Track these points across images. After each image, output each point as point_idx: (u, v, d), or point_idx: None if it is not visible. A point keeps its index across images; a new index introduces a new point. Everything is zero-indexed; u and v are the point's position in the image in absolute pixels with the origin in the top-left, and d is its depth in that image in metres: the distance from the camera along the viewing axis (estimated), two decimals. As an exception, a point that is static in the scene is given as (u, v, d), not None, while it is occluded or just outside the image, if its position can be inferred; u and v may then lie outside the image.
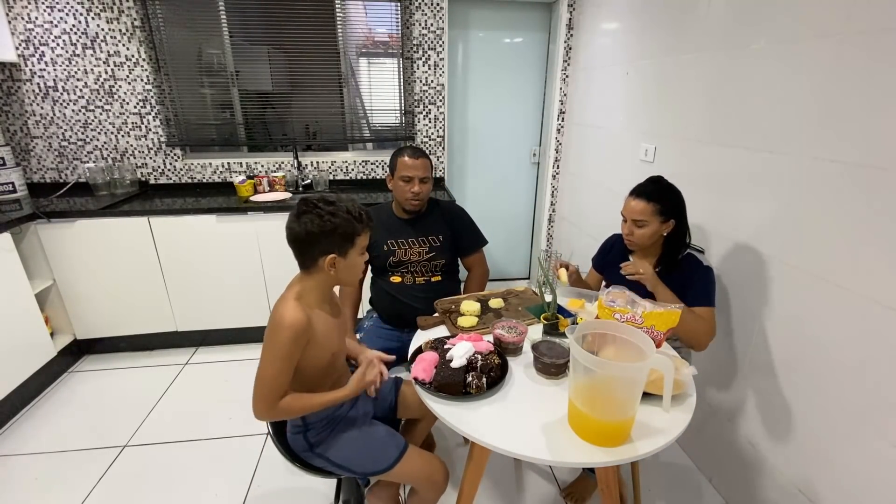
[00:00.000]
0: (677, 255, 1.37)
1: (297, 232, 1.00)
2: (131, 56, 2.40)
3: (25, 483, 1.64)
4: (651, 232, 1.33)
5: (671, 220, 1.33)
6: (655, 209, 1.31)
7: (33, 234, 2.12)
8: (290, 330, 0.97)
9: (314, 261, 1.03)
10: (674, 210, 1.33)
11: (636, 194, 1.35)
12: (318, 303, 1.07)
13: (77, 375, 2.28)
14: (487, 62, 2.84)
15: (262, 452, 1.77)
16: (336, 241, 1.01)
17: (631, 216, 1.34)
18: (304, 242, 1.01)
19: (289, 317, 0.98)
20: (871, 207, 1.06)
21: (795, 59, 1.23)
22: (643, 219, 1.32)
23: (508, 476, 1.68)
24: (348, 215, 1.01)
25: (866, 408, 1.11)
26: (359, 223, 1.03)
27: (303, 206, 1.01)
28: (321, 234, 0.99)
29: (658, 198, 1.32)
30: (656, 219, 1.32)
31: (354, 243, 1.04)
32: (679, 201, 1.36)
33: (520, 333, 1.23)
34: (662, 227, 1.33)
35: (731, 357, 1.53)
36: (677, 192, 1.36)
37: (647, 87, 1.94)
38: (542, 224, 3.10)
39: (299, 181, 2.69)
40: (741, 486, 1.52)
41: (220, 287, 2.37)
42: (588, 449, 0.92)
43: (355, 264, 1.07)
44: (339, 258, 1.02)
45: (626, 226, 1.38)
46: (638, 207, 1.32)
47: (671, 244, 1.37)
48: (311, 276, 1.06)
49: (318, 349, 1.05)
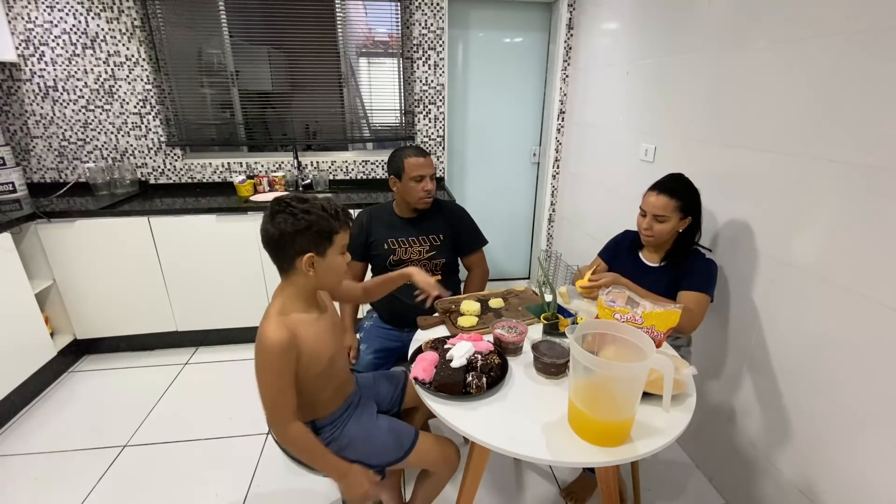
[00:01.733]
0: (686, 251, 1.39)
1: (272, 233, 0.95)
2: (131, 56, 2.40)
3: (25, 483, 1.64)
4: (671, 227, 1.35)
5: (689, 217, 1.36)
6: (677, 205, 1.33)
7: (33, 233, 2.12)
8: (274, 350, 0.95)
9: (291, 263, 0.98)
10: (693, 208, 1.36)
11: (659, 189, 1.35)
12: (304, 309, 1.04)
13: (77, 375, 2.28)
14: (487, 62, 2.84)
15: (262, 452, 1.77)
16: (312, 240, 0.96)
17: (653, 211, 1.35)
18: (278, 243, 0.96)
19: (271, 337, 0.95)
20: (872, 207, 1.06)
21: (795, 59, 1.23)
22: (664, 214, 1.33)
23: (508, 476, 1.68)
24: (324, 212, 0.97)
25: (867, 408, 1.10)
26: (335, 220, 0.99)
27: (275, 205, 0.96)
28: (296, 232, 0.94)
29: (680, 194, 1.34)
30: (676, 215, 1.34)
31: (333, 241, 0.99)
32: (698, 200, 1.38)
33: (520, 333, 1.23)
34: (680, 224, 1.36)
35: (732, 357, 1.53)
36: (697, 191, 1.38)
37: (647, 87, 1.94)
38: (542, 224, 3.10)
39: (299, 181, 2.69)
40: (741, 486, 1.52)
41: (220, 287, 2.37)
42: (588, 449, 0.92)
43: (335, 265, 1.02)
44: (317, 257, 0.98)
45: (645, 220, 1.38)
46: (660, 203, 1.33)
47: (682, 240, 1.40)
48: (291, 283, 1.02)
49: (311, 358, 1.02)
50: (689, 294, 1.31)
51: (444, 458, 1.20)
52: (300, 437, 1.03)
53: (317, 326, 1.05)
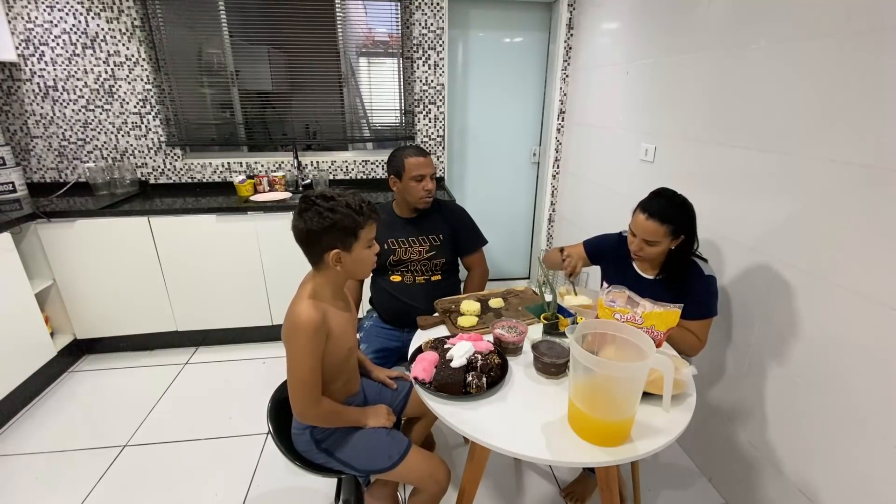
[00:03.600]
0: (682, 264, 1.34)
1: (301, 229, 1.01)
2: (131, 56, 2.40)
3: (25, 483, 1.64)
4: (662, 250, 1.30)
5: (682, 235, 1.30)
6: (668, 230, 1.26)
7: (33, 233, 2.12)
8: (310, 329, 0.99)
9: (320, 257, 1.03)
10: (686, 227, 1.29)
11: (649, 214, 1.26)
12: (332, 299, 1.08)
13: (77, 375, 2.28)
14: (487, 62, 2.84)
15: (262, 452, 1.77)
16: (338, 237, 1.01)
17: (642, 235, 1.28)
18: (307, 240, 1.02)
19: (304, 315, 0.99)
20: (872, 207, 1.06)
21: (795, 58, 1.23)
22: (655, 239, 1.27)
23: (508, 476, 1.68)
24: (348, 209, 1.01)
25: (867, 407, 1.11)
26: (360, 216, 1.02)
27: (303, 203, 1.01)
28: (322, 230, 0.99)
29: (672, 219, 1.26)
30: (668, 238, 1.27)
31: (358, 237, 1.03)
32: (691, 217, 1.30)
33: (520, 333, 1.23)
34: (673, 243, 1.30)
35: (731, 357, 1.53)
36: (690, 207, 1.30)
37: (647, 87, 1.94)
38: (542, 224, 3.10)
39: (299, 181, 2.69)
40: (741, 486, 1.52)
41: (220, 287, 2.37)
42: (588, 449, 0.92)
43: (363, 258, 1.06)
44: (343, 253, 1.02)
45: (635, 241, 1.31)
46: (650, 228, 1.26)
47: (677, 254, 1.34)
48: (321, 273, 1.07)
49: (334, 344, 1.06)
50: (693, 323, 1.28)
51: (431, 476, 1.16)
52: (328, 407, 1.08)
53: (341, 318, 1.09)
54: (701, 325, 1.30)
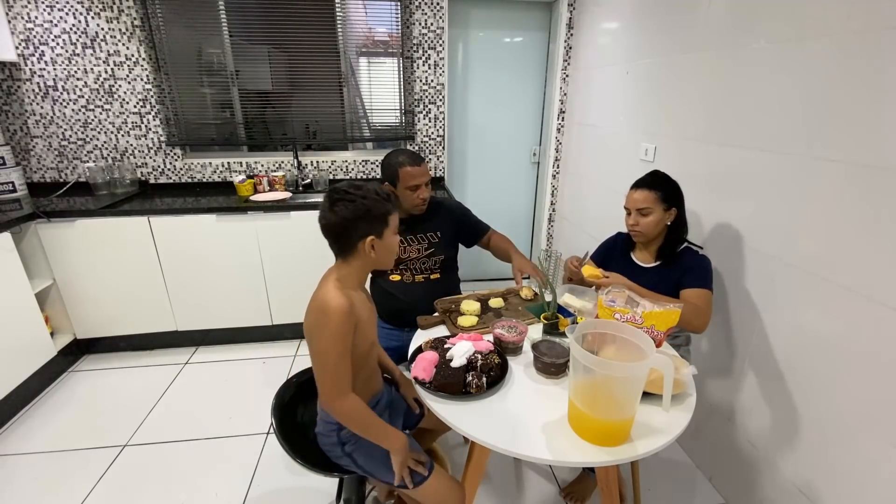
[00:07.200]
0: (676, 245, 1.42)
1: (333, 221, 1.01)
2: (131, 55, 2.40)
3: (25, 483, 1.64)
4: (656, 220, 1.38)
5: (673, 207, 1.39)
6: (658, 196, 1.37)
7: (33, 233, 2.12)
8: (339, 315, 0.98)
9: (353, 246, 1.04)
10: (674, 198, 1.40)
11: (638, 185, 1.42)
12: (357, 288, 1.09)
13: (77, 375, 2.28)
14: (487, 62, 2.84)
15: (262, 452, 1.77)
16: (372, 223, 1.03)
17: (635, 206, 1.40)
18: (341, 230, 1.02)
19: (335, 301, 0.98)
20: (872, 207, 1.06)
21: (795, 58, 1.23)
22: (647, 206, 1.38)
23: (508, 476, 1.68)
24: (377, 196, 1.04)
25: (867, 407, 1.10)
26: (388, 203, 1.06)
27: (334, 195, 1.02)
28: (356, 218, 1.01)
29: (659, 186, 1.38)
30: (660, 206, 1.38)
31: (388, 223, 1.06)
32: (678, 190, 1.41)
33: (520, 333, 1.23)
34: (666, 216, 1.39)
35: (731, 357, 1.53)
36: (675, 183, 1.42)
37: (646, 87, 1.94)
38: (542, 223, 3.10)
39: (299, 181, 2.69)
40: (741, 486, 1.52)
41: (220, 287, 2.37)
42: (588, 449, 0.92)
43: (391, 244, 1.09)
44: (376, 239, 1.04)
45: (630, 217, 1.43)
46: (641, 196, 1.38)
47: (671, 234, 1.42)
48: (349, 263, 1.07)
49: (361, 335, 1.06)
50: (691, 291, 1.33)
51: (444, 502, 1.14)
52: (358, 407, 1.03)
53: (367, 308, 1.10)
54: (701, 293, 1.32)
